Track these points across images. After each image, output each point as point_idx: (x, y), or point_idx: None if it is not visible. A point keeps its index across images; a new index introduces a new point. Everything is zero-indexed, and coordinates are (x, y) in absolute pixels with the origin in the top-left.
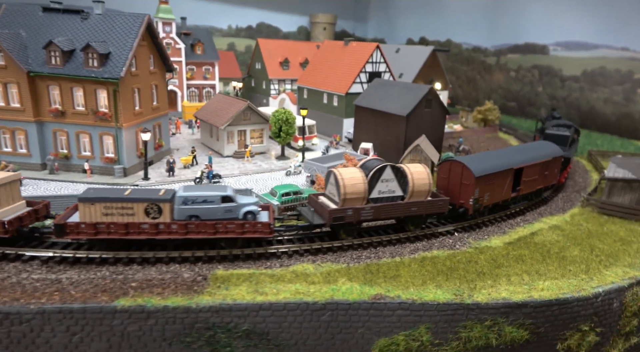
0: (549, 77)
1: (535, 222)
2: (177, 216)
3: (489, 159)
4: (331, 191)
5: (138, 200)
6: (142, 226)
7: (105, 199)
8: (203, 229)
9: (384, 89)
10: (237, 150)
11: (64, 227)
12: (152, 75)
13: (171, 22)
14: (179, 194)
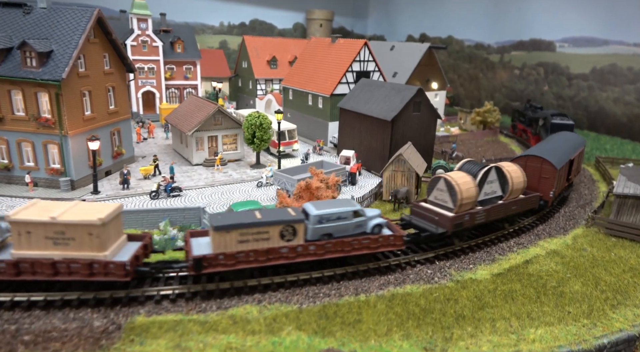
0: (555, 75)
1: (530, 247)
2: (310, 236)
3: (554, 153)
4: (440, 197)
5: (274, 223)
6: (282, 250)
7: (241, 226)
8: (340, 247)
9: (369, 91)
10: (207, 158)
11: (202, 261)
12: (108, 77)
13: (147, 19)
14: (314, 213)
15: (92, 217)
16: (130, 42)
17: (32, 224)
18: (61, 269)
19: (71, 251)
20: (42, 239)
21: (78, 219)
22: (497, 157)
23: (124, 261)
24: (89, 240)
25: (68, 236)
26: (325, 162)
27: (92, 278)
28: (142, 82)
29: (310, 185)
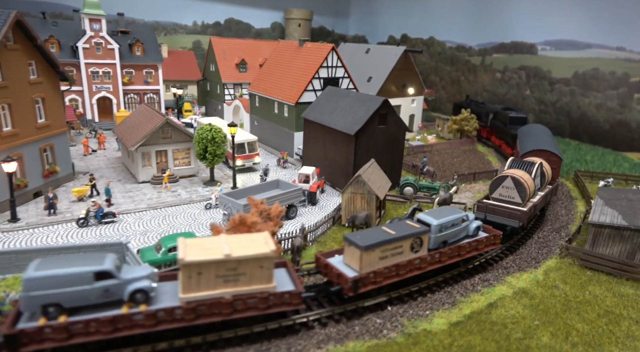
0: (537, 79)
1: (496, 284)
2: (432, 244)
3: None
4: (506, 194)
5: (406, 237)
6: (415, 261)
7: (383, 243)
8: (457, 252)
9: (334, 100)
10: (155, 175)
11: (358, 282)
12: (34, 87)
13: (100, 19)
14: (435, 223)
15: (262, 249)
16: (82, 44)
17: (205, 264)
18: (238, 307)
19: (241, 286)
20: (212, 278)
21: (252, 253)
22: (471, 171)
23: (300, 290)
24: (260, 273)
25: (239, 271)
26: (281, 182)
27: (267, 311)
28: (97, 87)
29: (245, 220)
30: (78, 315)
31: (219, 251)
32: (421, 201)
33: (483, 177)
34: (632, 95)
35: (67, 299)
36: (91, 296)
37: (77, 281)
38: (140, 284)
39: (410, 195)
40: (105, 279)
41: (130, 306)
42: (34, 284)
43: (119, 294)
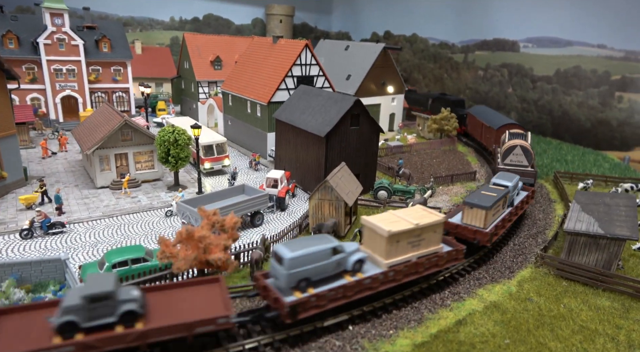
0: (520, 77)
1: (467, 298)
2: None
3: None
4: (516, 159)
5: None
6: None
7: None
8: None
9: (306, 100)
10: (114, 180)
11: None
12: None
13: (62, 13)
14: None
15: (437, 217)
16: (43, 40)
17: (403, 233)
18: (421, 268)
19: (422, 249)
20: (405, 244)
21: (432, 220)
22: (449, 173)
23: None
24: (433, 237)
25: (422, 237)
26: (247, 187)
27: (441, 267)
28: (61, 85)
29: (191, 234)
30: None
31: (408, 222)
32: (396, 206)
33: (461, 179)
34: (612, 94)
35: (314, 273)
36: (329, 269)
37: (322, 257)
38: (358, 256)
39: (384, 199)
40: (337, 253)
41: (351, 275)
42: (295, 262)
43: (345, 265)
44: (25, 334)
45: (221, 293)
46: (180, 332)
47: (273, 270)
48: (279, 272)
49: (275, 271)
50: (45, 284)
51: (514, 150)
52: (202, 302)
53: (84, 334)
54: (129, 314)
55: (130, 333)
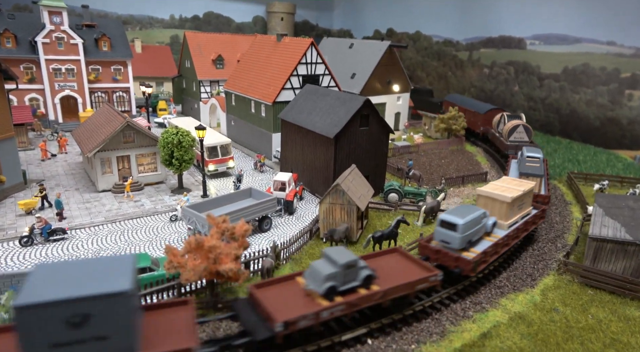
0: (526, 74)
1: (490, 309)
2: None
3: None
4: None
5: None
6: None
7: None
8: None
9: (313, 100)
10: (116, 183)
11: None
12: None
13: (61, 12)
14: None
15: (530, 183)
16: (41, 39)
17: (518, 198)
18: (523, 227)
19: (523, 211)
20: (515, 207)
21: (530, 187)
22: (460, 174)
23: (545, 207)
24: (528, 200)
25: (523, 201)
26: (254, 190)
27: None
28: (60, 85)
29: (201, 244)
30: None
31: (515, 189)
32: (407, 209)
33: (472, 180)
34: (622, 92)
35: (474, 235)
36: (482, 231)
37: (478, 221)
38: (493, 219)
39: (395, 202)
40: (485, 218)
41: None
42: (465, 227)
43: (485, 229)
44: (292, 300)
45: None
46: (404, 291)
47: (442, 236)
48: (452, 237)
49: (445, 236)
50: None
51: (517, 128)
52: (404, 268)
53: (341, 296)
54: (368, 278)
55: (377, 292)
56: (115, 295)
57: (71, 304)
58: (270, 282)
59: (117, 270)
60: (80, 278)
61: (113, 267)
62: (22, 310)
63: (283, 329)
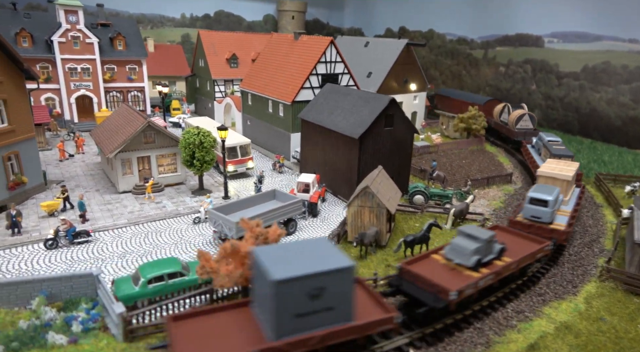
0: (544, 73)
1: (534, 318)
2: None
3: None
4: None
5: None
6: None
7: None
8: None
9: (334, 99)
10: (137, 184)
11: None
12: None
13: (77, 10)
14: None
15: (574, 164)
16: (57, 38)
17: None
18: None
19: (570, 189)
20: (572, 185)
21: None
22: (484, 176)
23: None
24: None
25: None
26: (278, 192)
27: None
28: (76, 85)
29: (238, 249)
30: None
31: (570, 169)
32: (433, 212)
33: (497, 182)
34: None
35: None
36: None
37: (558, 198)
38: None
39: (421, 204)
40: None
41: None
42: (553, 203)
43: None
44: (444, 273)
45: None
46: (529, 261)
47: (532, 212)
48: (544, 212)
49: (536, 212)
50: (76, 301)
51: (523, 117)
52: (516, 242)
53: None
54: (501, 250)
55: (512, 262)
56: (345, 270)
57: (315, 278)
58: (414, 260)
59: (329, 250)
60: (306, 257)
61: (323, 248)
62: (281, 284)
63: (456, 297)
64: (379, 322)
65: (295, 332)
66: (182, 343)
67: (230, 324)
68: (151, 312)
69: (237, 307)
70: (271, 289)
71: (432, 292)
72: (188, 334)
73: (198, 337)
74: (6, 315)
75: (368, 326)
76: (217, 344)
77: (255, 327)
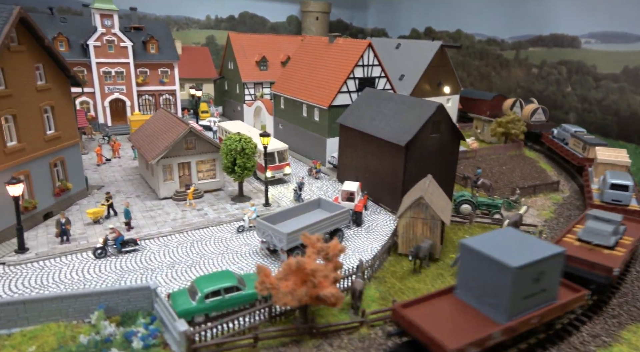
0: (580, 75)
1: (613, 344)
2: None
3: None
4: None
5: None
6: None
7: None
8: None
9: (376, 104)
10: (177, 191)
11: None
12: (43, 94)
13: (112, 14)
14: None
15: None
16: (93, 42)
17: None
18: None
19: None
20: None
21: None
22: (531, 184)
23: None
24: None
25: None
26: (323, 201)
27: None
28: (110, 88)
29: (303, 266)
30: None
31: (621, 155)
32: (482, 222)
33: (543, 190)
34: None
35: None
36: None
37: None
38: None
39: (469, 213)
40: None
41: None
42: (631, 187)
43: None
44: (585, 253)
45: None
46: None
47: (612, 196)
48: (625, 195)
49: (617, 196)
50: (133, 315)
51: (537, 111)
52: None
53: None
54: (624, 231)
55: (635, 240)
56: (559, 254)
57: (540, 263)
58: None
59: (528, 239)
60: (517, 246)
61: (520, 237)
62: (519, 270)
63: (618, 273)
64: (576, 300)
65: (522, 313)
66: (427, 322)
67: (449, 309)
68: (212, 330)
69: (442, 295)
70: (508, 275)
71: (595, 271)
72: (424, 316)
73: (434, 318)
74: (66, 329)
75: (569, 304)
76: (452, 324)
77: (470, 310)
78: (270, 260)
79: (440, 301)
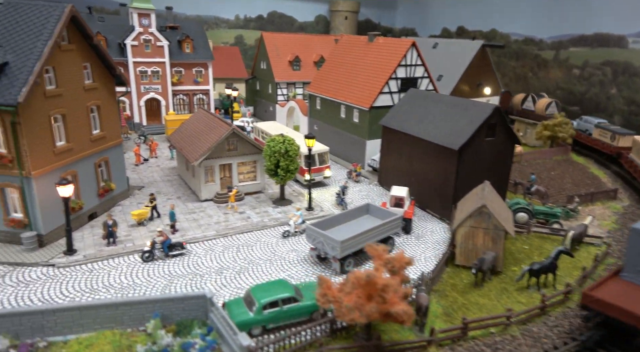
0: (627, 76)
1: None
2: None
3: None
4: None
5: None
6: None
7: None
8: None
9: (423, 106)
10: (219, 193)
11: None
12: (90, 93)
13: (149, 14)
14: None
15: None
16: (130, 41)
17: None
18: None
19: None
20: None
21: None
22: (586, 191)
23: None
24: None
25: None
26: (372, 206)
27: None
28: (146, 87)
29: (373, 281)
30: None
31: None
32: (541, 232)
33: (600, 198)
34: None
35: None
36: None
37: None
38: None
39: (525, 222)
40: None
41: None
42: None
43: None
44: None
45: None
46: None
47: None
48: None
49: None
50: (188, 324)
51: (551, 104)
52: None
53: None
54: None
55: None
56: None
57: None
58: None
59: None
60: None
61: None
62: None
63: None
64: None
65: None
66: (625, 303)
67: (630, 290)
68: (275, 344)
69: (611, 280)
70: None
71: None
72: (617, 298)
73: (627, 299)
74: (121, 337)
75: None
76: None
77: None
78: (320, 268)
79: (616, 285)
